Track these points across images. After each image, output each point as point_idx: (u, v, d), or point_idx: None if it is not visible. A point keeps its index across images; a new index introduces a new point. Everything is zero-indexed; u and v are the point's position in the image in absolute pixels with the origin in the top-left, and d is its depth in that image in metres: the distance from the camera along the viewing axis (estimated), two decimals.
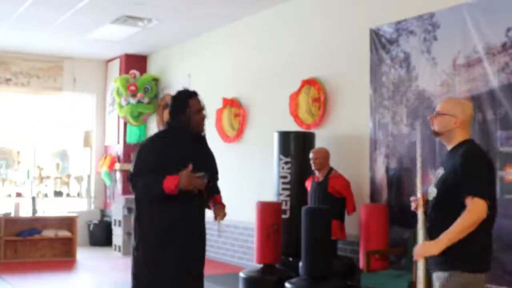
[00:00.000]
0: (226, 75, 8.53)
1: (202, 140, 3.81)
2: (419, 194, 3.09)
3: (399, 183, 5.74)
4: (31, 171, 10.14)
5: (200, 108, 3.70)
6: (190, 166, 3.42)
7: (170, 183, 3.40)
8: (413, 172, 5.58)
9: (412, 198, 3.17)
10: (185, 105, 3.66)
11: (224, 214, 3.79)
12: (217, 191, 3.91)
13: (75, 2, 7.39)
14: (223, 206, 3.83)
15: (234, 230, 8.01)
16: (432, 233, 2.94)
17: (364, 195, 6.04)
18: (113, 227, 9.67)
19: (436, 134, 3.10)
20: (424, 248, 2.91)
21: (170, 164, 3.49)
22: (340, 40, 6.59)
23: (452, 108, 3.05)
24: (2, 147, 10.68)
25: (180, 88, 3.82)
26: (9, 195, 9.81)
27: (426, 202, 3.06)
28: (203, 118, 3.72)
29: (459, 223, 2.81)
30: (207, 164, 3.74)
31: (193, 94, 3.74)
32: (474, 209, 2.81)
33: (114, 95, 10.07)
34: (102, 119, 11.04)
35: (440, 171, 3.04)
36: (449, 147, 3.07)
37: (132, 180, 3.58)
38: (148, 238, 3.55)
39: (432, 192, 3.02)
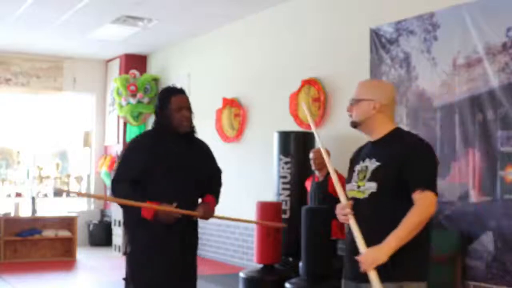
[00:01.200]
0: (226, 75, 8.53)
1: (192, 139, 3.52)
2: (345, 201, 2.64)
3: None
4: (31, 171, 10.14)
5: (182, 106, 3.40)
6: (174, 205, 3.25)
7: (147, 213, 3.25)
8: None
9: (339, 207, 2.64)
10: (167, 103, 3.41)
11: (202, 214, 3.40)
12: (210, 190, 3.56)
13: (75, 2, 7.39)
14: (209, 205, 3.46)
15: (234, 230, 8.01)
16: (371, 235, 2.48)
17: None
18: (113, 227, 9.67)
19: (354, 124, 2.73)
20: (373, 255, 2.43)
21: (154, 165, 3.32)
22: (340, 40, 6.58)
23: (368, 91, 2.67)
24: (2, 147, 10.68)
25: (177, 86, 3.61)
26: (9, 195, 9.81)
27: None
28: (185, 116, 3.41)
29: (408, 222, 2.42)
30: (199, 164, 3.49)
31: (176, 91, 3.47)
32: (424, 203, 2.45)
33: (114, 95, 10.08)
34: (102, 119, 11.04)
35: (371, 164, 2.60)
36: (374, 137, 2.68)
37: (113, 186, 3.41)
38: (138, 240, 3.39)
39: (367, 187, 2.56)
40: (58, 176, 10.40)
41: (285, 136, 6.53)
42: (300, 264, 5.75)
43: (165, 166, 3.34)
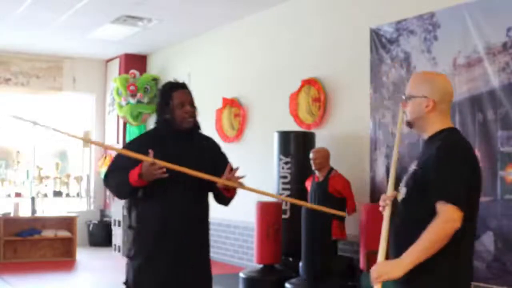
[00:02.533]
0: (226, 75, 8.53)
1: (196, 136, 3.35)
2: (389, 192, 2.48)
3: (400, 183, 5.73)
4: (31, 171, 10.13)
5: (184, 101, 3.22)
6: (151, 153, 3.02)
7: (133, 174, 3.07)
8: None
9: (382, 197, 2.52)
10: (168, 99, 3.23)
11: (225, 180, 3.19)
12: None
13: (75, 2, 7.38)
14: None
15: (234, 230, 8.01)
16: (396, 245, 2.34)
17: (364, 195, 6.03)
18: (113, 227, 9.66)
19: (410, 124, 2.43)
20: (384, 269, 2.23)
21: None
22: (340, 40, 6.58)
23: (420, 87, 2.37)
24: (1, 147, 10.66)
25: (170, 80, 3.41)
26: (9, 195, 9.80)
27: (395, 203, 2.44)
28: (188, 112, 3.23)
29: (427, 237, 2.17)
30: (202, 163, 3.23)
31: (178, 86, 3.29)
32: (442, 218, 2.17)
33: (114, 95, 10.07)
34: (101, 119, 11.04)
35: (412, 167, 2.43)
36: (425, 136, 2.41)
37: (105, 179, 3.30)
38: (141, 243, 3.25)
39: (401, 192, 2.41)
40: (58, 176, 10.39)
41: (285, 136, 6.52)
42: (300, 264, 5.75)
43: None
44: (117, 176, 3.20)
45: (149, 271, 3.21)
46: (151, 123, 10.26)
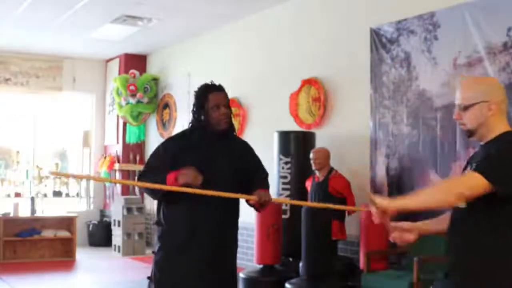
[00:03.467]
0: (226, 75, 8.50)
1: (230, 139, 3.39)
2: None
3: (400, 183, 5.73)
4: (30, 171, 10.13)
5: (220, 103, 3.26)
6: (200, 179, 3.07)
7: (171, 176, 3.11)
8: (413, 171, 5.58)
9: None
10: (204, 101, 3.27)
11: (258, 197, 3.21)
12: (260, 186, 3.36)
13: (75, 2, 7.37)
14: (264, 191, 3.30)
15: None
16: (462, 245, 2.28)
17: (365, 195, 6.02)
18: (113, 227, 9.65)
19: (471, 133, 2.33)
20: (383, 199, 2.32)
21: (184, 166, 3.16)
22: (341, 40, 6.58)
23: (478, 93, 2.28)
24: (1, 147, 10.66)
25: (205, 83, 3.42)
26: (8, 195, 9.80)
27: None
28: (223, 114, 3.26)
29: (431, 187, 2.22)
30: (237, 165, 3.33)
31: (213, 88, 3.32)
32: (464, 178, 2.18)
33: (114, 95, 10.06)
34: (101, 119, 11.03)
35: (471, 169, 2.31)
36: (484, 141, 2.32)
37: (139, 179, 3.32)
38: (165, 242, 3.30)
39: None
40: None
41: (285, 136, 6.52)
42: (300, 264, 5.75)
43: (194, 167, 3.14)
44: (152, 177, 3.21)
45: (167, 268, 3.27)
46: (150, 123, 10.27)
